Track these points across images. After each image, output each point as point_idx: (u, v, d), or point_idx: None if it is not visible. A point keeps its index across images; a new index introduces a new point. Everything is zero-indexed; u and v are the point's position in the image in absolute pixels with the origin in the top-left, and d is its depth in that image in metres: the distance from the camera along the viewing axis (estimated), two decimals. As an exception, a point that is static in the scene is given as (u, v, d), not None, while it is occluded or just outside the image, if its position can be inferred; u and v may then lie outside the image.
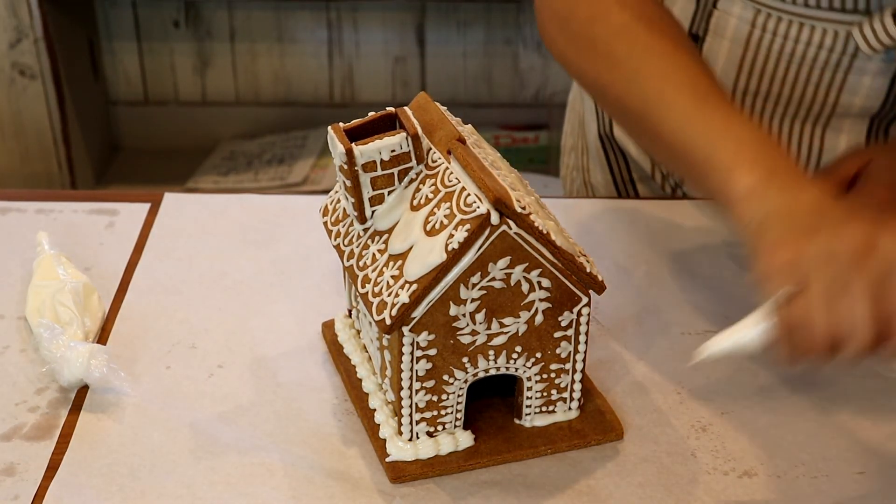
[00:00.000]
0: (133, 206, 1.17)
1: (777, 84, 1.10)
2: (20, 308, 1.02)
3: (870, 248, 0.72)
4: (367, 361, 0.93)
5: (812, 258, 0.73)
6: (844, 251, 0.72)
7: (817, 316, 0.73)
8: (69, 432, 0.89)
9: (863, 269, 0.72)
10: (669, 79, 0.88)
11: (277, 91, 2.53)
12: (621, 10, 0.93)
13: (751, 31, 1.08)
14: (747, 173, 0.80)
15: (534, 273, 0.81)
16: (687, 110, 0.86)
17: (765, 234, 0.77)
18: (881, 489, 0.85)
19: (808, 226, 0.76)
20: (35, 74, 2.21)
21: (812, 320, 0.73)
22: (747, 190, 0.79)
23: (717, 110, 0.85)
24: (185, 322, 1.01)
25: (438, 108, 0.87)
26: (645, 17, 0.93)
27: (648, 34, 0.91)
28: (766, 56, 1.09)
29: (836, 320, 0.72)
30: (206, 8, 2.44)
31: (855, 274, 0.72)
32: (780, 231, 0.76)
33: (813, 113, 1.11)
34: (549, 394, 0.88)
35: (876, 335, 0.72)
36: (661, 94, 0.88)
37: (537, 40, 2.46)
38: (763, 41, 1.08)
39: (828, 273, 0.72)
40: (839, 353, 0.73)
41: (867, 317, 0.71)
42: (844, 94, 1.08)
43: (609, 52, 0.93)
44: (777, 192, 0.78)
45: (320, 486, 0.85)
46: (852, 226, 0.74)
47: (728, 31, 1.10)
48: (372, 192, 0.84)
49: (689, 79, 0.87)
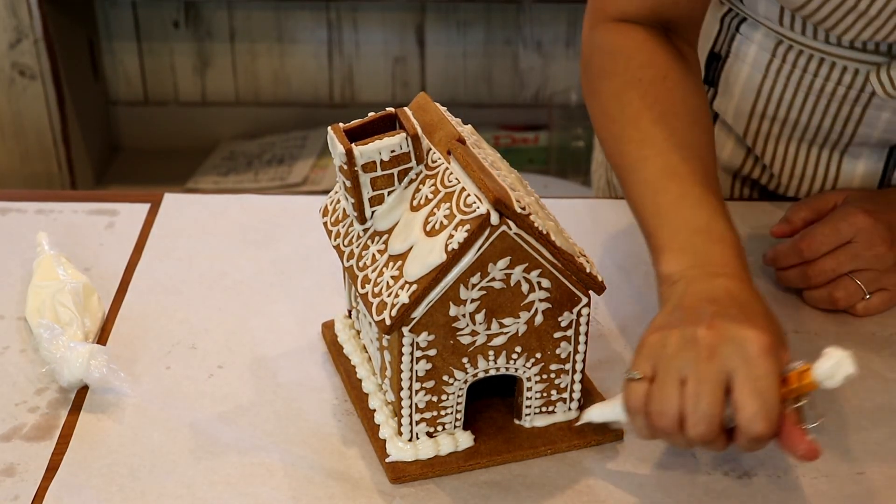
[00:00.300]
0: (133, 206, 1.17)
1: (794, 112, 1.10)
2: (20, 308, 1.02)
3: (712, 351, 0.77)
4: (366, 362, 0.93)
5: (671, 347, 0.78)
6: (692, 349, 0.77)
7: (654, 398, 0.78)
8: (69, 433, 0.89)
9: (707, 361, 0.77)
10: (644, 150, 0.92)
11: (277, 91, 2.53)
12: (625, 71, 0.96)
13: (770, 60, 1.09)
14: (673, 260, 0.86)
15: (533, 273, 0.81)
16: (649, 184, 0.91)
17: (657, 316, 0.83)
18: (881, 489, 0.85)
19: (683, 318, 0.80)
20: (35, 75, 2.21)
21: (651, 401, 0.78)
22: (667, 274, 0.85)
23: (671, 192, 0.89)
24: (185, 322, 1.01)
25: (438, 109, 0.87)
26: (646, 80, 0.95)
27: (641, 100, 0.94)
28: (785, 85, 1.09)
29: (670, 405, 0.77)
30: (205, 8, 2.44)
31: (694, 369, 0.77)
32: (664, 317, 0.82)
33: (830, 141, 1.11)
34: (549, 394, 0.88)
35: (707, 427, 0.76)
36: (634, 162, 0.92)
37: (537, 40, 2.46)
38: (782, 70, 1.09)
39: (674, 363, 0.78)
40: (680, 435, 0.78)
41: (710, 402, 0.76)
42: (862, 126, 1.08)
43: (606, 110, 0.97)
44: (685, 284, 0.83)
45: (320, 486, 0.85)
46: (715, 326, 0.78)
47: (749, 57, 1.10)
48: (372, 193, 0.84)
49: (662, 154, 0.91)
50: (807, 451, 0.77)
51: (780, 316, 1.01)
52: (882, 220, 0.99)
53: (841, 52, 1.04)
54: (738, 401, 0.76)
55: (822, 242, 0.99)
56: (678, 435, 0.78)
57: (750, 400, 0.75)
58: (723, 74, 1.14)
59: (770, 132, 1.14)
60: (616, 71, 0.97)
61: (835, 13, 0.97)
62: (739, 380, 0.76)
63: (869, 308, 1.01)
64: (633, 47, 0.98)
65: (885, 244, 0.98)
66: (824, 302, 1.01)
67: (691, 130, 0.93)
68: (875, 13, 0.95)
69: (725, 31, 1.12)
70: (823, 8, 0.97)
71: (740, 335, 0.77)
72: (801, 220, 1.04)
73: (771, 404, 0.75)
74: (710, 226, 0.87)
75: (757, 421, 0.75)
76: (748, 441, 0.77)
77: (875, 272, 0.99)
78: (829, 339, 0.99)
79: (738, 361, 0.76)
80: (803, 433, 0.77)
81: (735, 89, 1.13)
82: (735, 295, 0.82)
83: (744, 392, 0.75)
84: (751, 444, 0.77)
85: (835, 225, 0.99)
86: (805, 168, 1.14)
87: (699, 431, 0.77)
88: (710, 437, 0.77)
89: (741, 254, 0.86)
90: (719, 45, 1.13)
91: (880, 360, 0.97)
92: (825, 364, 0.75)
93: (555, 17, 2.43)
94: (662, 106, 0.94)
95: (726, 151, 1.19)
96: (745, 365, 0.76)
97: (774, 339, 0.78)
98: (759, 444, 0.77)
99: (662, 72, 0.96)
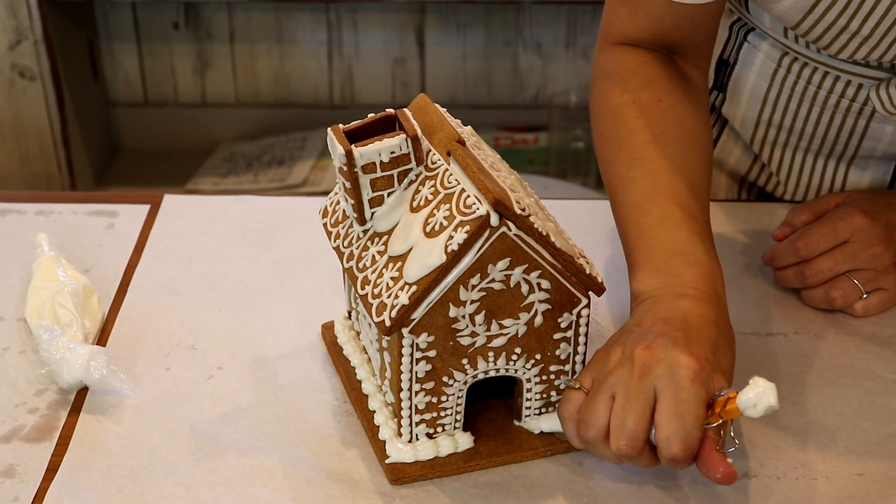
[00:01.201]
0: (133, 207, 1.17)
1: (799, 122, 1.11)
2: (20, 310, 1.02)
3: (644, 371, 0.80)
4: (366, 363, 0.93)
5: (611, 363, 0.82)
6: (628, 366, 0.81)
7: (585, 408, 0.82)
8: (69, 434, 0.89)
9: (638, 379, 0.80)
10: (633, 172, 0.94)
11: (277, 92, 2.53)
12: (622, 93, 0.98)
13: (776, 69, 1.10)
14: (646, 279, 0.88)
15: (533, 274, 0.81)
16: (633, 205, 0.93)
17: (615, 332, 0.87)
18: (881, 490, 0.85)
19: (631, 336, 0.83)
20: (35, 76, 2.21)
21: (582, 411, 0.82)
22: (638, 293, 0.89)
23: (654, 213, 0.91)
24: (185, 323, 1.01)
25: (438, 110, 0.87)
26: (640, 102, 0.97)
27: (634, 122, 0.96)
28: (790, 95, 1.10)
29: (597, 417, 0.80)
30: (205, 9, 2.44)
31: (624, 386, 0.80)
32: (620, 333, 0.85)
33: (836, 152, 1.12)
34: (549, 395, 0.88)
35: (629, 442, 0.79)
36: (622, 182, 0.95)
37: (537, 41, 2.46)
38: (787, 81, 1.09)
39: (610, 379, 0.81)
40: (606, 447, 0.81)
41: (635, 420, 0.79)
42: (867, 139, 1.09)
43: (602, 131, 0.99)
44: (651, 303, 0.86)
45: (320, 487, 0.85)
46: (652, 346, 0.81)
47: (755, 65, 1.11)
48: (371, 194, 0.84)
49: (649, 175, 0.93)
50: (724, 475, 0.79)
51: (779, 316, 1.02)
52: (880, 220, 0.99)
53: (843, 66, 1.05)
54: (658, 421, 0.79)
55: (818, 242, 1.00)
56: (604, 447, 0.81)
57: (669, 422, 0.78)
58: (731, 81, 1.15)
59: (776, 140, 1.15)
60: (614, 93, 0.99)
61: (828, 32, 0.98)
62: (663, 401, 0.79)
63: (867, 308, 1.01)
64: (631, 70, 1.00)
65: (882, 244, 0.98)
66: (821, 301, 1.01)
67: (682, 153, 0.95)
68: (868, 33, 0.96)
69: (734, 38, 1.13)
70: (817, 27, 0.98)
71: (672, 358, 0.80)
72: (802, 223, 1.04)
73: (689, 428, 0.78)
74: (688, 249, 0.89)
75: (673, 442, 0.78)
76: (666, 461, 0.79)
77: (872, 272, 1.00)
78: (829, 339, 0.99)
79: (665, 383, 0.79)
80: (722, 457, 0.79)
81: (742, 96, 1.14)
82: (690, 318, 0.83)
83: (665, 413, 0.78)
84: (669, 463, 0.79)
85: (832, 225, 1.00)
86: (811, 177, 1.15)
87: (621, 445, 0.79)
88: (633, 453, 0.79)
89: (714, 278, 0.88)
90: (728, 51, 1.14)
91: (880, 360, 0.97)
92: (748, 393, 0.77)
93: (554, 19, 2.43)
94: (655, 128, 0.95)
95: (733, 157, 1.20)
96: (672, 387, 0.79)
97: (707, 366, 0.80)
98: (676, 464, 0.79)
99: (658, 94, 0.97)
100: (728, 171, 1.22)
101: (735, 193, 1.23)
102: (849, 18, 0.96)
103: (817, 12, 0.96)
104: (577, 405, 0.83)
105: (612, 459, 0.82)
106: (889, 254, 0.99)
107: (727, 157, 1.21)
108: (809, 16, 0.97)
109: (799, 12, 0.98)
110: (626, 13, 1.00)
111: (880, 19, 0.95)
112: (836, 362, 0.97)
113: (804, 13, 0.97)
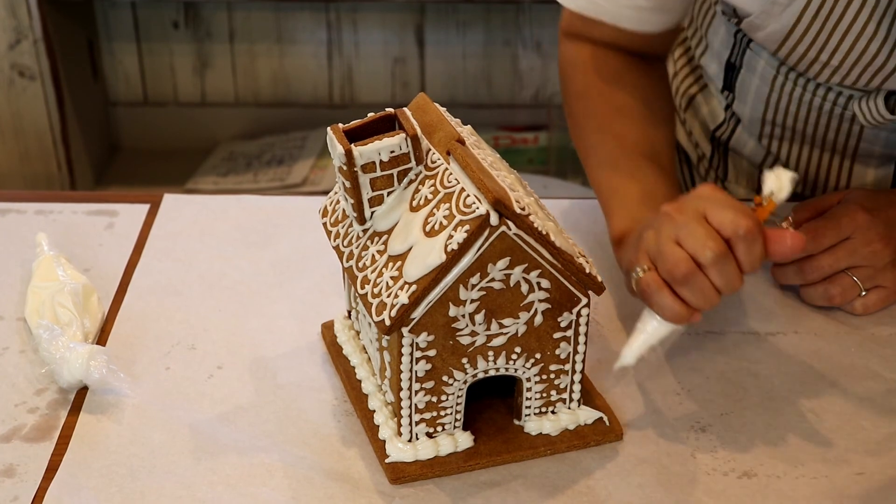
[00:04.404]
0: (132, 207, 1.17)
1: (800, 123, 1.15)
2: (20, 309, 1.02)
3: (680, 207, 0.87)
4: (366, 362, 0.93)
5: (650, 234, 0.88)
6: (662, 215, 0.89)
7: (661, 263, 0.86)
8: (69, 433, 0.89)
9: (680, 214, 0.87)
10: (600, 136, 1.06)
11: (277, 92, 2.53)
12: (584, 76, 1.09)
13: (775, 76, 1.13)
14: (622, 221, 0.98)
15: (533, 274, 0.81)
16: (604, 162, 1.04)
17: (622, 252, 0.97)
18: (881, 490, 0.85)
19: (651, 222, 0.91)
20: (34, 75, 2.21)
21: (661, 266, 0.86)
22: (617, 236, 0.98)
23: (622, 168, 1.02)
24: (185, 323, 1.01)
25: (438, 109, 0.87)
26: (601, 80, 1.08)
27: (598, 97, 1.08)
28: (789, 100, 1.14)
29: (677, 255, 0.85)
30: (205, 9, 2.44)
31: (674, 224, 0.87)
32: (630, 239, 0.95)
33: (837, 150, 1.15)
34: (549, 394, 0.88)
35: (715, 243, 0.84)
36: (592, 146, 1.07)
37: (536, 41, 2.46)
38: (785, 87, 1.13)
39: (661, 236, 0.87)
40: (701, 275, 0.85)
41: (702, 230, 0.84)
42: (863, 142, 1.13)
43: (571, 110, 1.11)
44: (636, 233, 0.93)
45: (320, 486, 0.85)
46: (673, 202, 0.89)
47: (757, 70, 1.15)
48: (371, 193, 0.84)
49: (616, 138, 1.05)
50: (794, 239, 0.85)
51: (779, 316, 1.02)
52: (880, 218, 1.00)
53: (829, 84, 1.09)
54: (716, 218, 0.84)
55: (824, 236, 1.00)
56: (700, 275, 0.84)
57: (724, 211, 0.84)
58: (738, 83, 1.18)
59: (782, 136, 1.18)
60: (576, 77, 1.10)
61: (802, 61, 1.04)
62: (709, 208, 0.85)
63: (867, 305, 1.01)
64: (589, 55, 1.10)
65: (881, 241, 0.99)
66: (821, 298, 1.01)
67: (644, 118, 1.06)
68: (837, 64, 1.02)
69: (738, 45, 1.17)
70: (792, 56, 1.04)
71: (695, 193, 0.89)
72: (804, 221, 1.04)
73: (740, 207, 0.85)
74: (656, 191, 0.98)
75: (739, 219, 0.83)
76: (743, 243, 0.83)
77: (871, 269, 1.00)
78: (829, 339, 0.99)
79: (701, 201, 0.86)
80: (784, 231, 0.86)
81: (748, 97, 1.18)
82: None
83: (717, 211, 0.84)
84: (746, 246, 0.83)
85: (836, 220, 1.00)
86: (818, 169, 1.18)
87: (711, 252, 0.83)
88: (722, 252, 0.83)
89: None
90: (734, 56, 1.18)
91: (880, 360, 0.97)
92: (768, 184, 0.86)
93: (554, 18, 2.42)
94: (617, 100, 1.06)
95: (748, 148, 1.24)
96: (708, 199, 0.86)
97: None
98: (751, 242, 0.83)
99: (618, 71, 1.08)
100: (746, 156, 1.25)
101: (756, 187, 1.25)
102: (818, 51, 1.01)
103: (789, 45, 1.03)
104: (655, 276, 0.86)
105: (708, 292, 0.85)
106: (888, 251, 0.99)
107: (742, 149, 1.25)
108: (783, 47, 1.04)
109: (774, 43, 1.04)
110: (581, 25, 1.10)
111: (847, 53, 1.00)
112: (836, 361, 0.97)
113: (778, 44, 1.04)
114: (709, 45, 1.22)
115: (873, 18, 0.97)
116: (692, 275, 0.84)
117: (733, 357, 0.97)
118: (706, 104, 1.27)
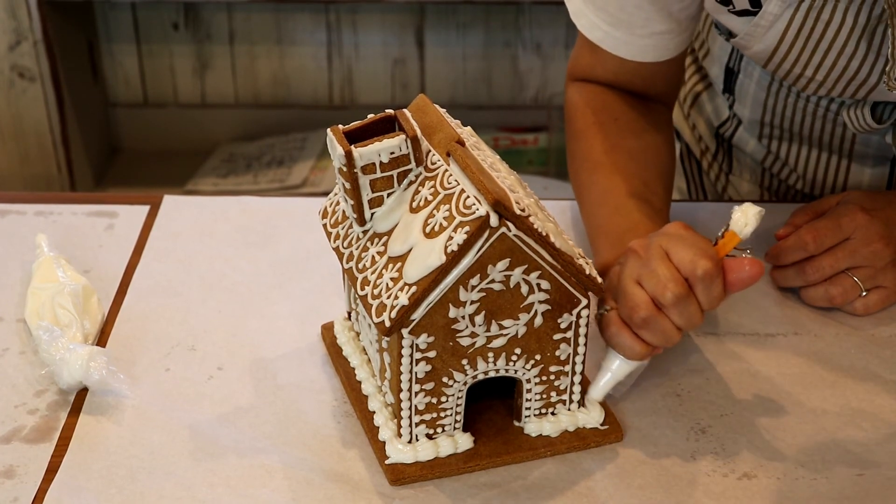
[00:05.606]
0: (132, 208, 1.17)
1: (797, 126, 1.17)
2: (19, 310, 1.02)
3: (645, 245, 0.89)
4: (366, 364, 0.93)
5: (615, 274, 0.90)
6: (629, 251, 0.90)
7: (623, 302, 0.87)
8: (68, 435, 0.89)
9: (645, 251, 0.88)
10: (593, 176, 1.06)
11: (277, 93, 2.53)
12: (583, 118, 1.10)
13: (771, 82, 1.16)
14: (606, 252, 0.99)
15: (533, 275, 0.81)
16: (594, 201, 1.05)
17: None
18: (881, 490, 0.85)
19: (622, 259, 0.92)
20: (34, 77, 2.21)
21: (623, 307, 0.87)
22: (601, 266, 0.98)
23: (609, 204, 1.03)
24: (185, 324, 1.01)
25: (437, 110, 0.87)
26: (598, 123, 1.09)
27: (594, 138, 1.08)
28: (784, 105, 1.16)
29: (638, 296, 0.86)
30: (205, 10, 2.44)
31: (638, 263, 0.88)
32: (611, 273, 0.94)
33: (835, 151, 1.17)
34: (549, 396, 0.88)
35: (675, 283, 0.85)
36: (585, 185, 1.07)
37: (536, 42, 2.46)
38: (780, 93, 1.16)
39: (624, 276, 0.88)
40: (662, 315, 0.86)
41: (663, 270, 0.86)
42: (857, 144, 1.15)
43: (570, 150, 1.11)
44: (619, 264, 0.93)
45: (320, 487, 0.85)
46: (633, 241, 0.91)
47: (755, 76, 1.18)
48: (371, 195, 0.84)
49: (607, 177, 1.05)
50: (752, 266, 0.86)
51: (779, 317, 1.02)
52: (879, 218, 1.00)
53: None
54: (677, 257, 0.86)
55: (825, 236, 1.00)
56: (659, 317, 0.86)
57: (685, 250, 0.86)
58: (737, 86, 1.21)
59: (781, 137, 1.20)
60: (577, 118, 1.11)
61: (789, 76, 1.06)
62: (672, 246, 0.87)
63: (868, 306, 1.01)
64: (591, 97, 1.11)
65: (881, 241, 0.99)
66: (821, 299, 1.01)
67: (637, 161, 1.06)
68: (821, 79, 1.03)
69: (735, 51, 1.19)
70: (779, 71, 1.06)
71: (662, 230, 0.90)
72: (805, 223, 1.05)
73: (701, 247, 0.86)
74: (639, 227, 0.98)
75: (697, 259, 0.85)
76: (701, 283, 0.85)
77: (872, 269, 1.00)
78: (829, 339, 1.00)
79: (665, 238, 0.88)
80: (741, 258, 0.86)
81: (747, 100, 1.20)
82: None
83: (678, 250, 0.86)
84: (704, 286, 0.85)
85: (837, 221, 1.00)
86: (817, 168, 1.20)
87: (671, 294, 0.85)
88: (682, 293, 0.85)
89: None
90: (732, 61, 1.20)
91: (880, 360, 0.97)
92: (735, 218, 0.86)
93: (554, 19, 2.43)
94: (613, 141, 1.06)
95: (750, 146, 1.25)
96: (671, 237, 0.88)
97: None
98: (709, 283, 0.85)
99: (616, 114, 1.09)
100: (749, 153, 1.26)
101: (759, 178, 1.27)
102: (803, 67, 1.03)
103: (775, 62, 1.04)
104: (616, 317, 0.88)
105: (669, 330, 0.86)
106: (889, 251, 0.99)
107: (745, 147, 1.26)
108: (770, 63, 1.05)
109: (761, 60, 1.06)
110: (588, 59, 1.10)
111: (829, 70, 1.02)
112: (836, 362, 0.97)
113: (765, 61, 1.05)
114: (710, 49, 1.24)
115: (853, 37, 0.98)
116: (651, 319, 0.86)
117: (733, 358, 0.97)
118: (710, 102, 1.28)
